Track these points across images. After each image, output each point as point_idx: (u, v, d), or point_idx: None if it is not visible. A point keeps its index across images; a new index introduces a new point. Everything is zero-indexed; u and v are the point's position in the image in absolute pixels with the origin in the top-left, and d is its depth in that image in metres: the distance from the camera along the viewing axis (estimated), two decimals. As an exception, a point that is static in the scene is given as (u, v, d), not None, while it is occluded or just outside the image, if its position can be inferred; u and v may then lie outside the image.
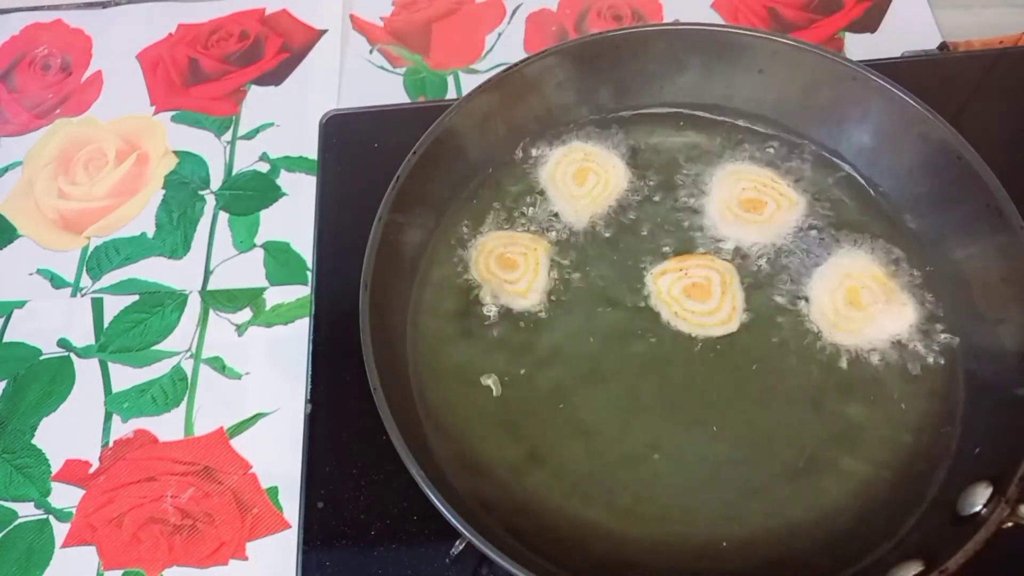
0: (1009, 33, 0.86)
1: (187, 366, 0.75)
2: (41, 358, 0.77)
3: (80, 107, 0.94)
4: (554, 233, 0.71)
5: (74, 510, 0.69)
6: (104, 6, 1.02)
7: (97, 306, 0.79)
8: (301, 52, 0.95)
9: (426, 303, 0.68)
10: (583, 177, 0.72)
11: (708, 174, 0.72)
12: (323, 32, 0.97)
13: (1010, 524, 0.50)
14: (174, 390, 0.74)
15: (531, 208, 0.72)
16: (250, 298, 0.78)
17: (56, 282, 0.81)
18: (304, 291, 0.78)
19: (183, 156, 0.88)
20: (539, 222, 0.71)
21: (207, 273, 0.80)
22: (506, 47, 0.94)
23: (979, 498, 0.52)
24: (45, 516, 0.69)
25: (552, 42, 0.88)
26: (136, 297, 0.79)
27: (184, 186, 0.86)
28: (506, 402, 0.64)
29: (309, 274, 0.78)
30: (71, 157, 0.90)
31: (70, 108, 0.94)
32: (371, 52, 0.95)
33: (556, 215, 0.72)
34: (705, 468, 0.60)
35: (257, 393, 0.73)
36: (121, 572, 0.66)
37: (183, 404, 0.73)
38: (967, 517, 0.52)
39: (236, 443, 0.71)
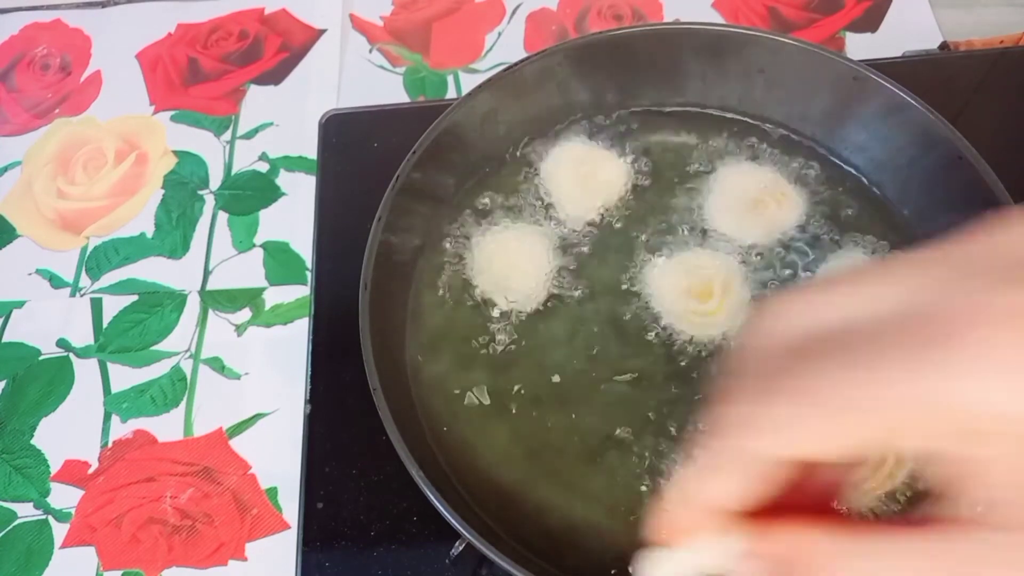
0: (1010, 33, 0.86)
1: (186, 366, 0.75)
2: (40, 358, 0.76)
3: (79, 107, 0.93)
4: (554, 232, 0.71)
5: (73, 511, 0.69)
6: (103, 6, 1.02)
7: (96, 306, 0.79)
8: (300, 52, 0.95)
9: (426, 302, 0.68)
10: (583, 177, 0.72)
11: (708, 174, 0.72)
12: (322, 31, 0.97)
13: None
14: (173, 390, 0.74)
15: (531, 207, 0.72)
16: (249, 298, 0.78)
17: (55, 282, 0.81)
18: (304, 291, 0.78)
19: (182, 156, 0.88)
20: (539, 221, 0.71)
21: (206, 273, 0.80)
22: (506, 47, 0.94)
23: (980, 498, 0.52)
24: (44, 516, 0.69)
25: (552, 41, 0.88)
26: (135, 297, 0.79)
27: (183, 186, 0.86)
28: (506, 402, 0.63)
29: (309, 274, 0.78)
30: (70, 157, 0.90)
31: (69, 108, 0.94)
32: (371, 51, 0.95)
33: (556, 214, 0.71)
34: (706, 468, 0.60)
35: (256, 393, 0.73)
36: (120, 573, 0.66)
37: (182, 404, 0.73)
38: (968, 517, 0.52)
39: (235, 443, 0.71)
